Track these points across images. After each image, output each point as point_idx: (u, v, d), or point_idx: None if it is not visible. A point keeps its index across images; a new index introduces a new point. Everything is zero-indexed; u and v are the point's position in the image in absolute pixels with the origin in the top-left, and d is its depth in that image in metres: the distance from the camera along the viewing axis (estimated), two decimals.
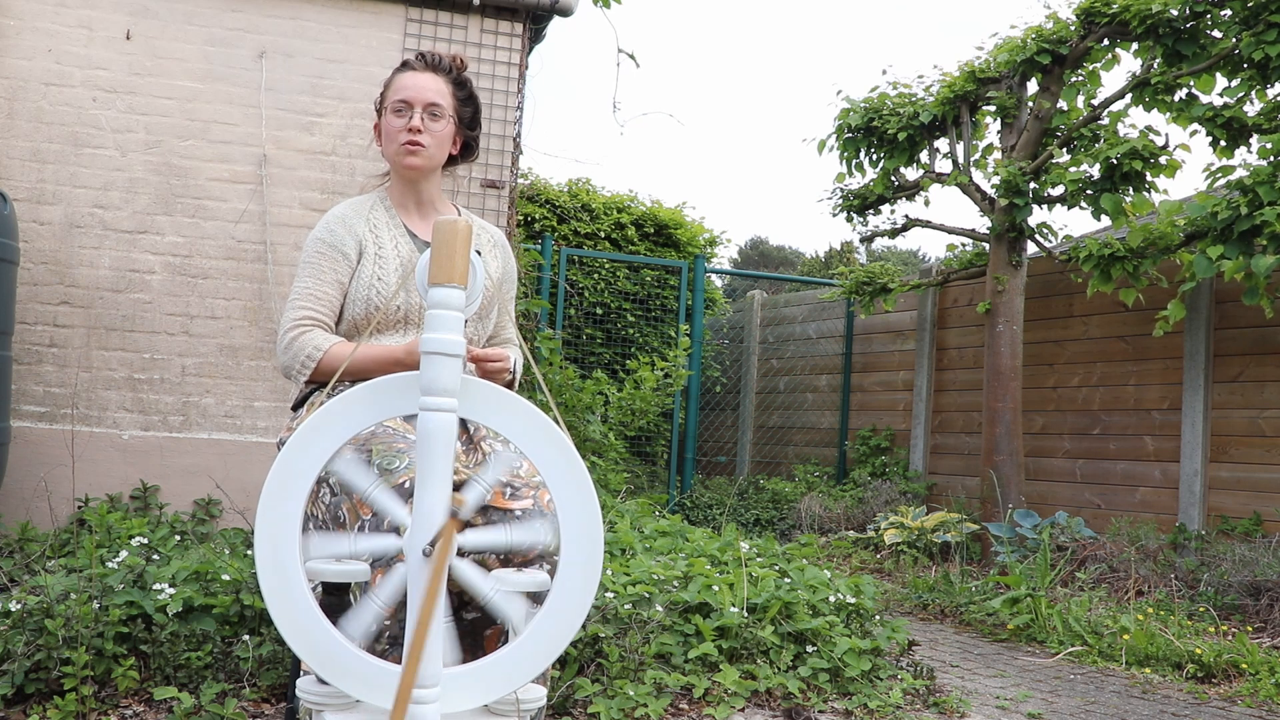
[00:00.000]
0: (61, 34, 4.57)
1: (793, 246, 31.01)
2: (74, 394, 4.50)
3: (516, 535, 1.65)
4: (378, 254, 2.14)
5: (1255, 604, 4.55)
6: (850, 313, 8.36)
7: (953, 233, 6.67)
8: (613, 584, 3.05)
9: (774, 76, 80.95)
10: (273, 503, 1.53)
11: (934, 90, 6.49)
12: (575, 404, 5.72)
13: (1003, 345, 6.01)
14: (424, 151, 2.14)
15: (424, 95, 2.13)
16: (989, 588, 4.73)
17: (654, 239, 8.49)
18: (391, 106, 2.15)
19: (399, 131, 2.13)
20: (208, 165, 4.71)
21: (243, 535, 4.03)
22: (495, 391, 1.59)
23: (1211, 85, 5.41)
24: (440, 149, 2.18)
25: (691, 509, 7.47)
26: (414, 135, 2.13)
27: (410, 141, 2.13)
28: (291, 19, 4.81)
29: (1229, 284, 5.55)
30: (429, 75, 2.16)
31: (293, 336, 2.06)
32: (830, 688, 3.03)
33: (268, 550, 1.52)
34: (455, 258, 1.49)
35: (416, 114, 2.13)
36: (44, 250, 4.52)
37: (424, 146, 2.14)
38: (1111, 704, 3.26)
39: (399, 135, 2.14)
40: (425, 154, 2.15)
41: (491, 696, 1.58)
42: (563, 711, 2.68)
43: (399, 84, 2.16)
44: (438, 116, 2.15)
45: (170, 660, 2.57)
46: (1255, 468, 5.44)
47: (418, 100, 2.13)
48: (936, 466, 7.39)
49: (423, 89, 2.13)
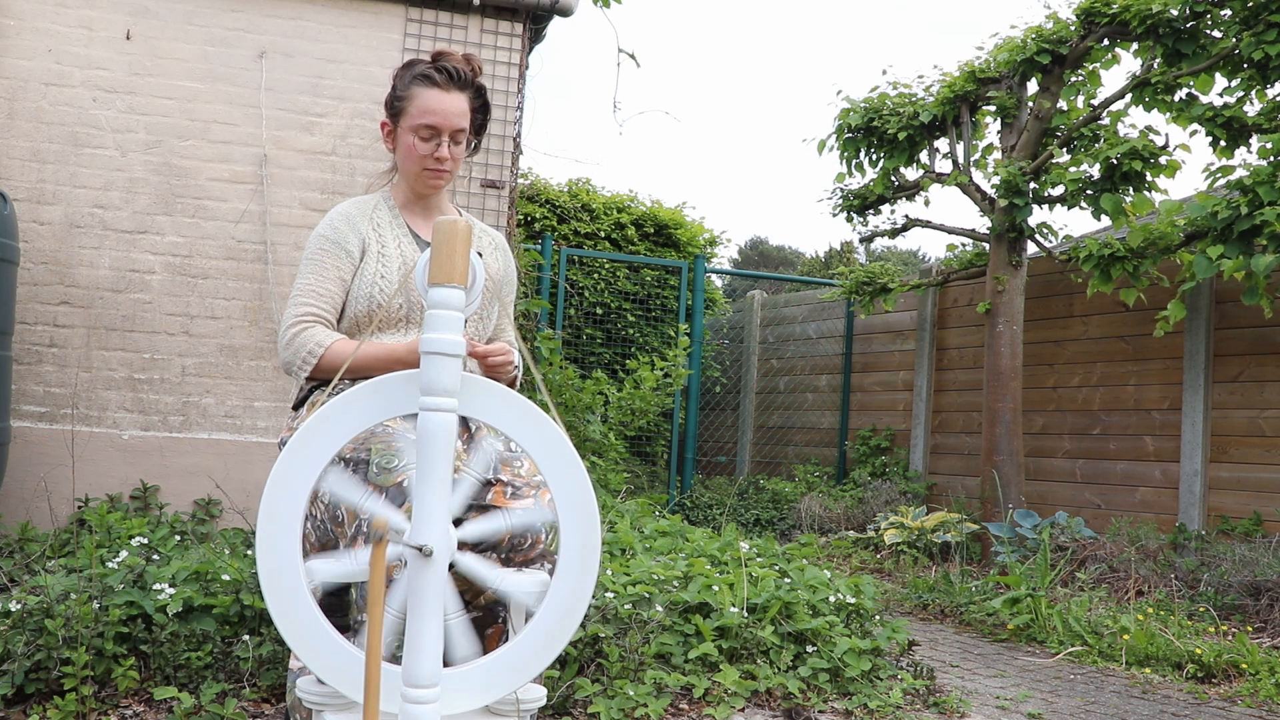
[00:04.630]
0: (61, 34, 4.57)
1: (793, 246, 31.03)
2: (74, 394, 4.50)
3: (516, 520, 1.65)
4: (380, 252, 2.14)
5: (1255, 604, 4.55)
6: (850, 313, 8.36)
7: (953, 233, 6.67)
8: (613, 584, 3.05)
9: (774, 76, 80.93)
10: (274, 503, 1.53)
11: (934, 90, 6.49)
12: (575, 404, 5.72)
13: (1003, 345, 6.01)
14: (446, 177, 2.16)
15: (451, 121, 2.10)
16: (989, 588, 4.73)
17: (654, 239, 8.49)
18: (416, 128, 2.10)
19: (425, 156, 2.11)
20: (208, 165, 4.71)
21: (243, 535, 4.03)
22: (495, 390, 1.59)
23: (1211, 85, 5.41)
24: (458, 166, 2.19)
25: (691, 509, 7.47)
26: (441, 165, 2.12)
27: (436, 169, 2.13)
28: (291, 19, 4.81)
29: (1229, 284, 5.55)
30: (455, 95, 2.11)
31: (294, 333, 2.07)
32: (830, 688, 3.03)
33: (268, 550, 1.52)
34: (455, 258, 1.49)
35: (444, 143, 2.11)
36: (44, 250, 4.52)
37: (447, 172, 2.15)
38: (1111, 704, 3.26)
39: (424, 160, 2.12)
40: (447, 178, 2.17)
41: (491, 696, 1.58)
42: (563, 711, 2.67)
43: (425, 104, 2.09)
44: (460, 140, 2.14)
45: (170, 660, 2.57)
46: (1255, 468, 5.44)
47: (445, 127, 2.09)
48: (936, 466, 7.39)
49: (449, 114, 2.09)
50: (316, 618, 1.53)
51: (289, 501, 1.53)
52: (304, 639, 1.52)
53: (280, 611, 1.52)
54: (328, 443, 1.54)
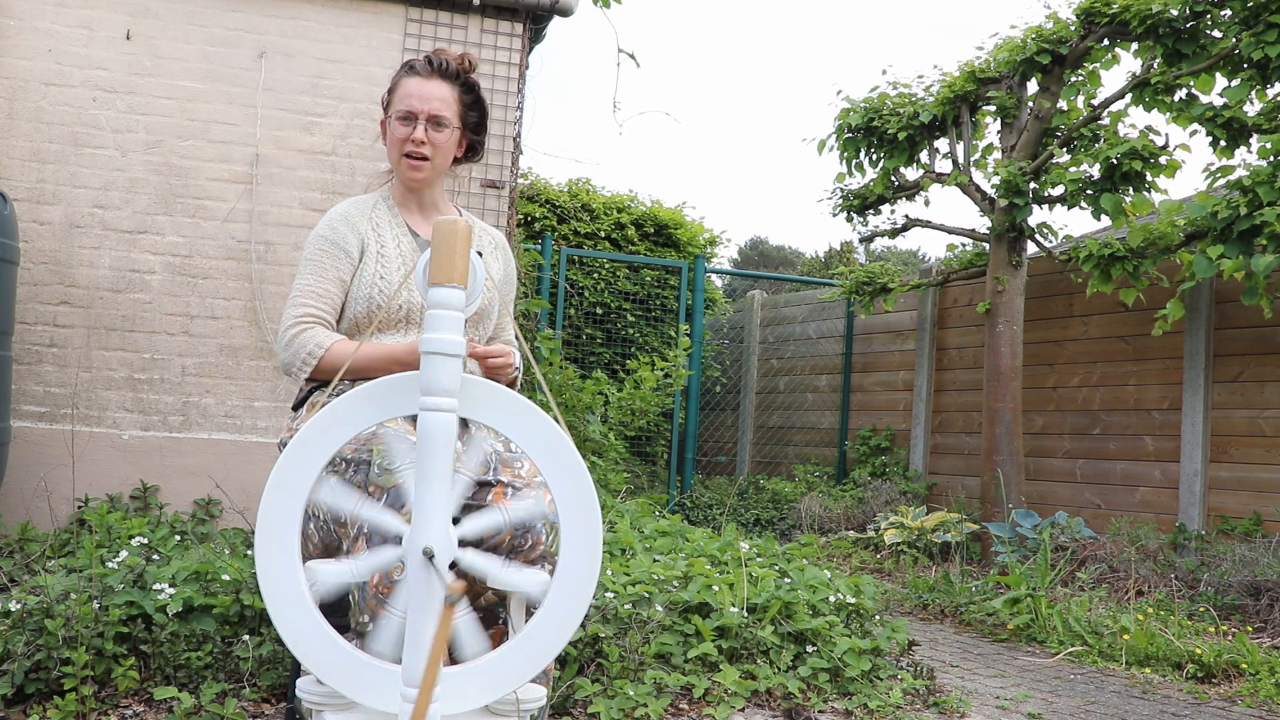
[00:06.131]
0: (61, 34, 4.57)
1: (793, 246, 31.03)
2: (74, 394, 4.50)
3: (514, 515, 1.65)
4: (380, 252, 2.14)
5: (1255, 604, 4.55)
6: (850, 313, 8.36)
7: (953, 233, 6.67)
8: (613, 584, 3.05)
9: (774, 76, 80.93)
10: (274, 503, 1.53)
11: (934, 90, 6.49)
12: (575, 404, 5.72)
13: (1003, 345, 6.01)
14: (426, 165, 2.15)
15: (428, 105, 2.11)
16: (989, 588, 4.73)
17: (654, 239, 8.49)
18: (396, 114, 2.13)
19: (402, 140, 2.13)
20: (208, 165, 4.71)
21: (243, 535, 4.03)
22: (495, 391, 1.59)
23: (1211, 85, 5.41)
24: (444, 157, 2.18)
25: (691, 509, 7.47)
26: (417, 147, 2.12)
27: (413, 154, 2.13)
28: (291, 19, 4.81)
29: (1229, 284, 5.55)
30: (436, 82, 2.13)
31: (294, 334, 2.06)
32: (830, 688, 3.03)
33: (268, 551, 1.52)
34: (455, 258, 1.49)
35: (420, 126, 2.11)
36: (44, 250, 4.52)
37: (427, 159, 2.14)
38: (1111, 704, 3.26)
39: (401, 144, 2.13)
40: (428, 167, 2.15)
41: (492, 696, 1.58)
42: (563, 711, 2.68)
43: (404, 90, 2.13)
44: (442, 126, 2.13)
45: (170, 660, 2.57)
46: (1255, 468, 5.44)
47: (422, 111, 2.11)
48: (936, 466, 7.39)
49: (427, 98, 2.11)
50: (315, 618, 1.53)
51: (288, 502, 1.53)
52: (303, 639, 1.52)
53: (279, 612, 1.52)
54: (327, 443, 1.54)
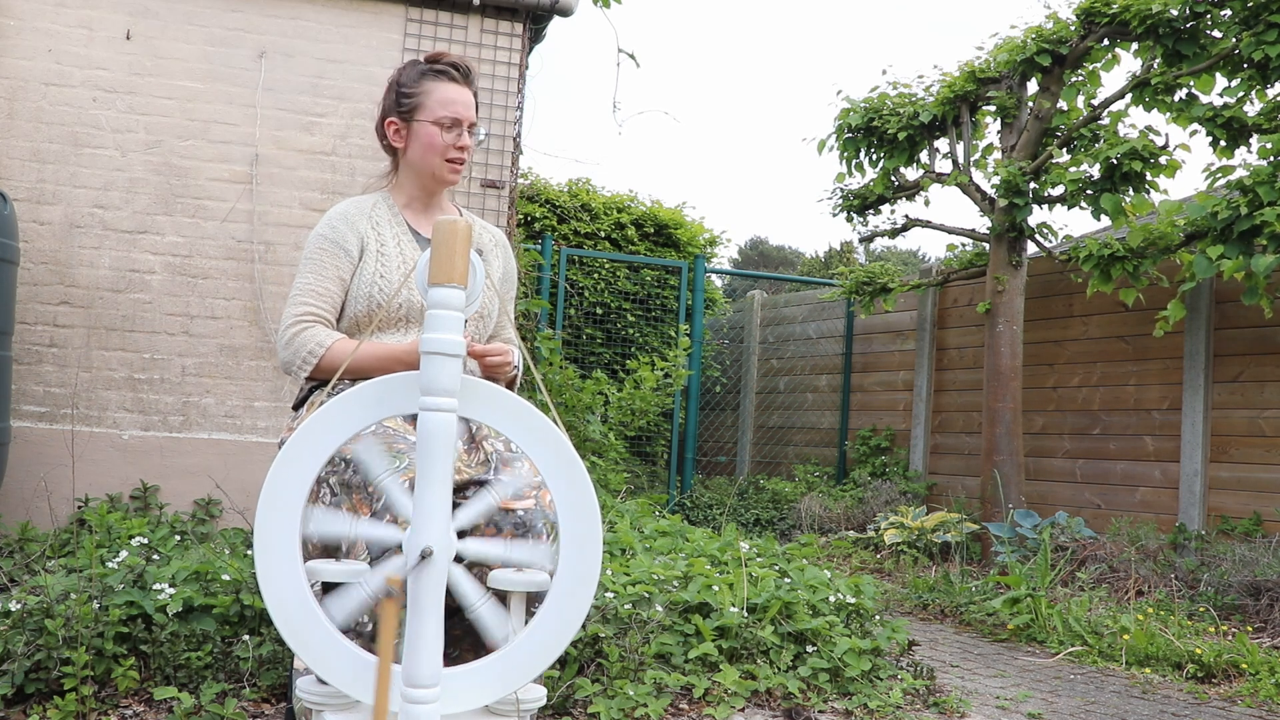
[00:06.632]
0: (61, 34, 4.57)
1: (793, 246, 31.03)
2: (74, 394, 4.50)
3: (515, 553, 1.65)
4: (380, 251, 2.15)
5: (1255, 604, 4.55)
6: (850, 313, 8.36)
7: (953, 233, 6.67)
8: (613, 584, 3.05)
9: (774, 76, 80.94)
10: (273, 502, 1.53)
11: (934, 90, 6.49)
12: (575, 404, 5.71)
13: (1003, 345, 6.01)
14: (462, 168, 2.22)
15: (469, 113, 2.18)
16: (989, 588, 4.73)
17: (654, 239, 8.49)
18: (439, 120, 2.16)
19: (448, 146, 2.17)
20: (208, 165, 4.71)
21: (243, 535, 4.03)
22: (495, 391, 1.59)
23: (1211, 85, 5.41)
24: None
25: (691, 509, 7.47)
26: (461, 153, 2.18)
27: (458, 159, 2.18)
28: (291, 19, 4.81)
29: (1229, 284, 5.55)
30: (467, 90, 2.20)
31: (294, 333, 2.07)
32: (830, 688, 3.03)
33: (268, 550, 1.52)
34: (455, 257, 1.49)
35: (465, 133, 2.18)
36: (44, 250, 4.52)
37: (464, 163, 2.21)
38: (1111, 704, 3.26)
39: (447, 150, 2.17)
40: (462, 169, 2.22)
41: (491, 697, 1.58)
42: (563, 711, 2.67)
43: (446, 95, 2.17)
44: (473, 133, 2.21)
45: (170, 660, 2.57)
46: (1255, 468, 5.44)
47: (466, 118, 2.18)
48: (936, 466, 7.39)
49: (468, 105, 2.19)
50: (316, 617, 1.53)
51: (288, 501, 1.53)
52: (302, 638, 1.52)
53: (279, 611, 1.52)
54: (328, 443, 1.54)
